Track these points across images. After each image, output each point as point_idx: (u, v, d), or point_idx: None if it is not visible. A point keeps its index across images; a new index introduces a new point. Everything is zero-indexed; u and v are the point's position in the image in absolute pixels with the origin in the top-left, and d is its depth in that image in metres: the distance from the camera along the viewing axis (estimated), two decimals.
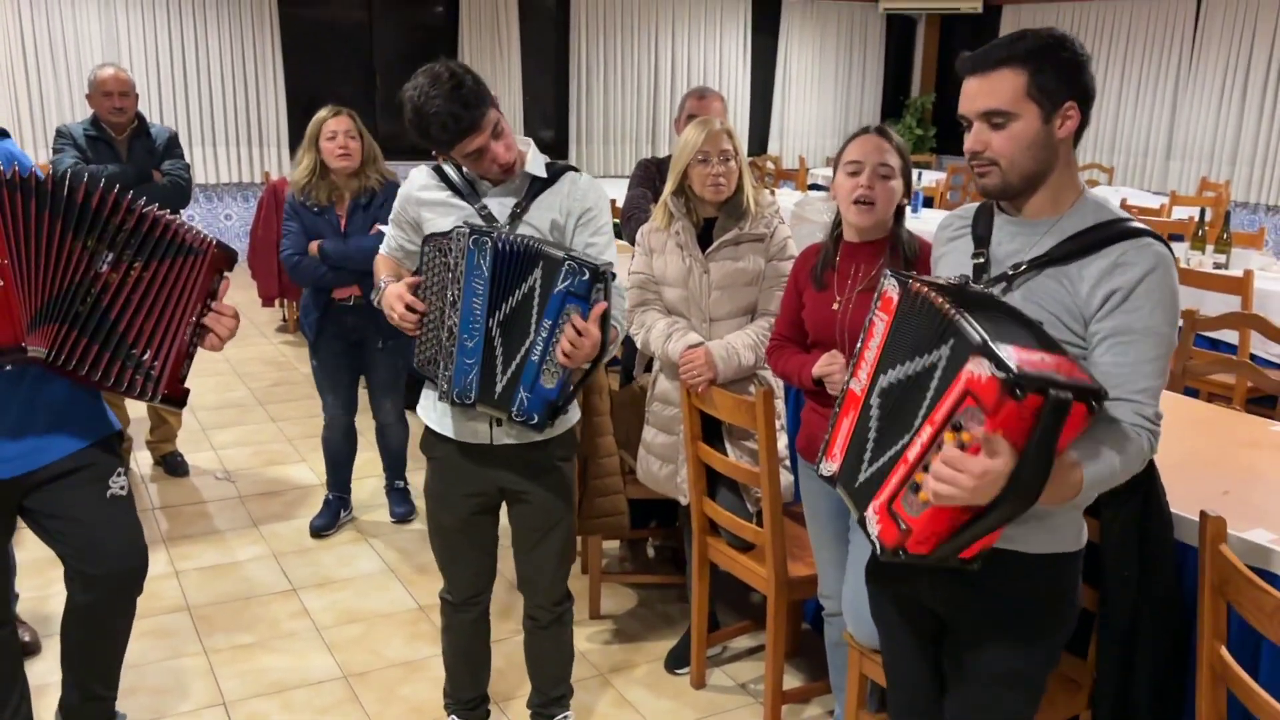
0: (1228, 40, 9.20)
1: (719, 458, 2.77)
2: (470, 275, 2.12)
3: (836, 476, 1.79)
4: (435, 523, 2.49)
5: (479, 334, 2.14)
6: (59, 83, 8.17)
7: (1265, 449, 2.61)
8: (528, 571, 2.52)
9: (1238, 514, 2.08)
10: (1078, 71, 1.70)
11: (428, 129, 2.14)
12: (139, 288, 2.10)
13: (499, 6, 9.71)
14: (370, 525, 4.13)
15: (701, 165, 2.77)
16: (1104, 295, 1.65)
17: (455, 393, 2.19)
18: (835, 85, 11.79)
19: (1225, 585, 1.74)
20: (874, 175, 2.32)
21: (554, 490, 2.43)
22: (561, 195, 2.31)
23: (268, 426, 5.24)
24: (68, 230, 2.01)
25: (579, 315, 2.07)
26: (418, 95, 2.12)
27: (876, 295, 1.75)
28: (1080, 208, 1.75)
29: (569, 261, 2.07)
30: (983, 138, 1.72)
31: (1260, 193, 9.13)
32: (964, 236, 1.90)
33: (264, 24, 8.80)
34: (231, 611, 3.45)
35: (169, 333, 2.15)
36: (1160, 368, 1.66)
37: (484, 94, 2.16)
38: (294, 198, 3.77)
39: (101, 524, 2.28)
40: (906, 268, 2.36)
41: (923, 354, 1.58)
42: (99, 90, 4.09)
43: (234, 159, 8.96)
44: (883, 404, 1.68)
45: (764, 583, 2.74)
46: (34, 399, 2.18)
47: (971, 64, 1.73)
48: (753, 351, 2.79)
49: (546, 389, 2.14)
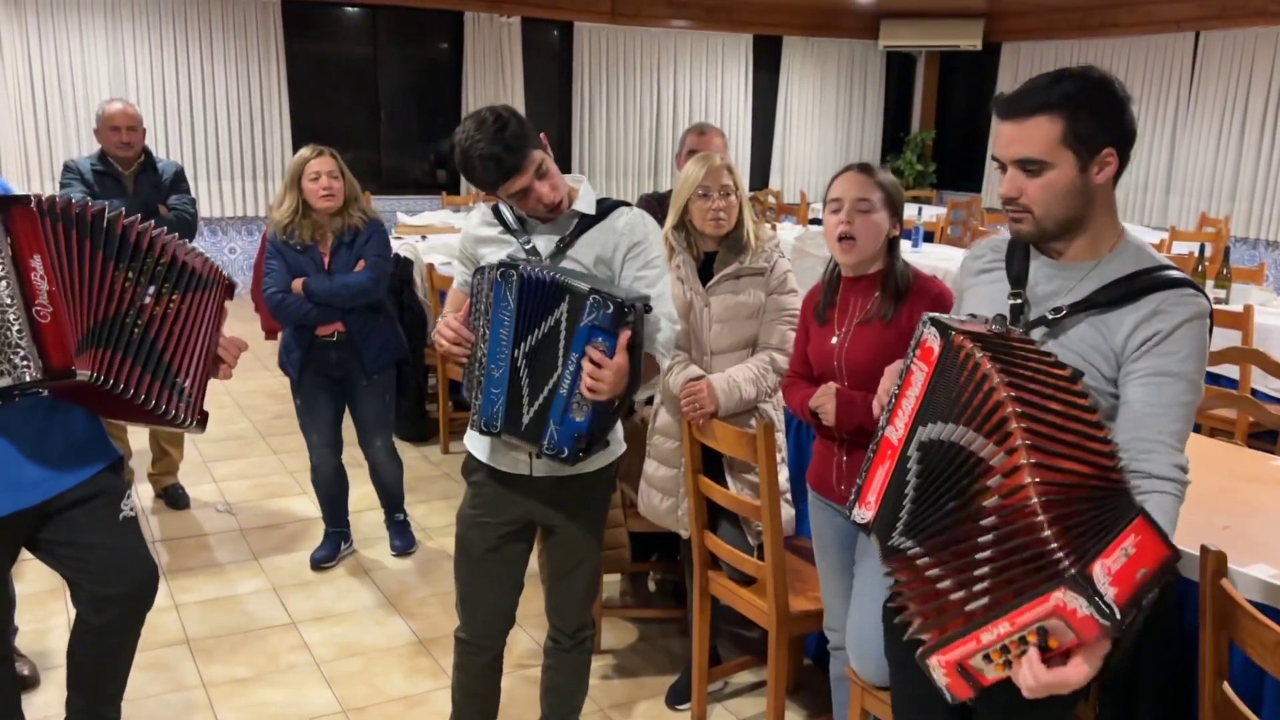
0: (1225, 77, 9.27)
1: (720, 491, 2.77)
2: (498, 307, 2.16)
3: (870, 525, 1.72)
4: (463, 548, 2.48)
5: (505, 364, 2.18)
6: (66, 117, 8.25)
7: (1266, 484, 2.61)
8: (556, 597, 2.55)
9: (1238, 549, 2.08)
10: (1117, 116, 1.66)
11: (473, 171, 2.22)
12: (179, 319, 2.17)
13: (503, 42, 9.82)
14: (370, 558, 4.12)
15: (702, 200, 2.79)
16: (1142, 339, 1.63)
17: (483, 422, 2.23)
18: (836, 121, 11.89)
19: (1227, 620, 1.74)
20: (853, 210, 2.34)
21: (586, 525, 2.44)
22: (608, 231, 2.34)
23: (269, 459, 5.24)
24: (109, 260, 2.06)
25: (602, 347, 2.08)
26: (464, 139, 2.20)
27: (915, 342, 1.68)
28: (1122, 252, 1.71)
29: (594, 295, 2.08)
30: (1017, 184, 1.68)
31: (1260, 228, 9.17)
32: (996, 270, 1.87)
33: (270, 59, 8.89)
34: (230, 645, 3.44)
35: (199, 360, 2.23)
36: (1189, 414, 1.64)
37: (528, 136, 2.21)
38: (276, 237, 3.75)
39: (117, 546, 2.33)
40: (898, 300, 2.38)
41: (970, 427, 1.53)
42: (106, 125, 4.14)
43: (239, 193, 9.03)
44: (923, 459, 1.62)
45: (765, 617, 2.73)
46: (49, 427, 2.21)
47: (1006, 108, 1.69)
48: (754, 385, 2.80)
49: (576, 422, 2.14)
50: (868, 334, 2.39)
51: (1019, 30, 10.97)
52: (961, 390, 1.56)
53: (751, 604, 2.80)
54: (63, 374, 1.98)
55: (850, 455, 2.44)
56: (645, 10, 10.43)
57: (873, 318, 2.39)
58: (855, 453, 2.42)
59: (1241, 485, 2.58)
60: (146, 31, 8.43)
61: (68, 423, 2.24)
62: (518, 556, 2.49)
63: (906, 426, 1.65)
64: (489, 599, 2.50)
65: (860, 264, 2.40)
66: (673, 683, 3.21)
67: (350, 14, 9.54)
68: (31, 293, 1.93)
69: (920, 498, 1.61)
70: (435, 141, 10.25)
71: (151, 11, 8.42)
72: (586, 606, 2.56)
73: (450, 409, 5.38)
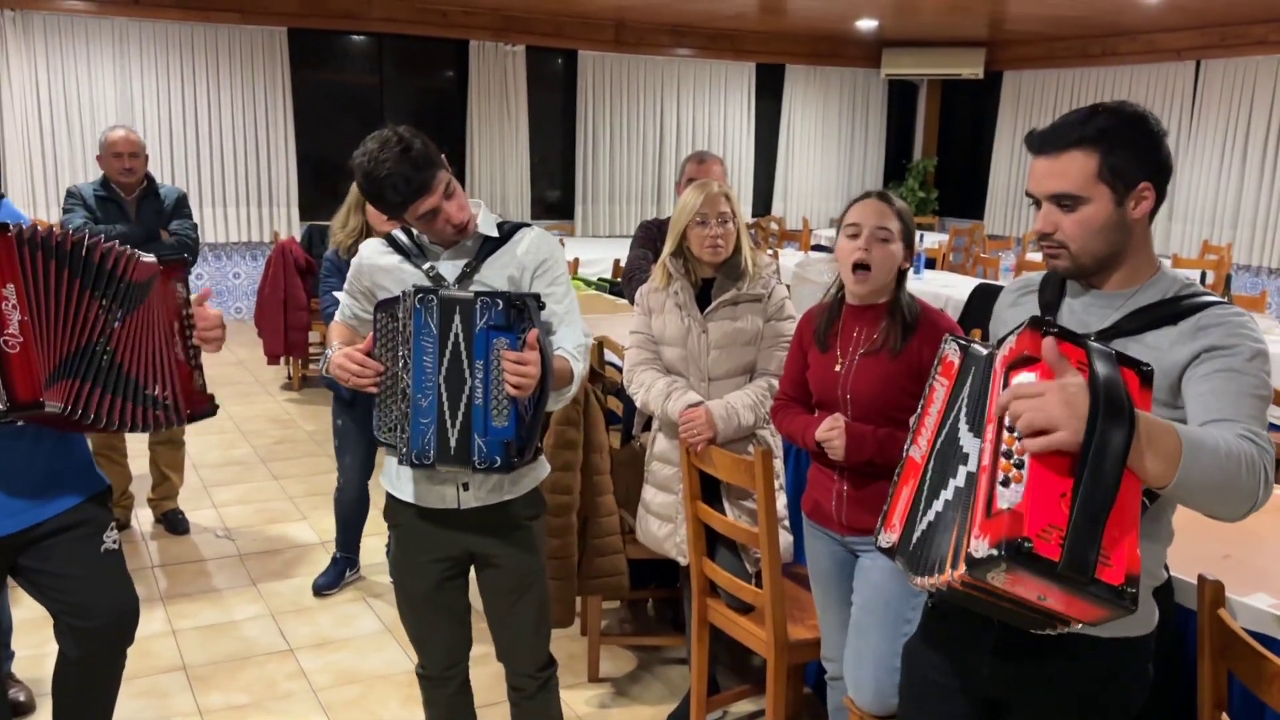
0: (1226, 105, 9.31)
1: (718, 517, 2.76)
2: (419, 334, 2.10)
3: (895, 547, 1.66)
4: (403, 593, 2.42)
5: (432, 392, 2.11)
6: (73, 143, 8.31)
7: (1268, 512, 2.58)
8: (505, 640, 2.43)
9: (1238, 578, 2.07)
10: (1153, 150, 1.64)
11: (381, 193, 2.14)
12: (138, 333, 2.14)
13: (508, 70, 9.89)
14: (369, 585, 4.11)
15: (700, 227, 2.80)
16: (1199, 348, 1.57)
17: (414, 455, 2.13)
18: (838, 148, 11.94)
19: (1225, 651, 1.72)
20: (871, 238, 2.33)
21: (524, 549, 2.35)
22: (514, 252, 2.30)
23: (270, 484, 5.24)
24: (85, 289, 2.05)
25: (508, 346, 2.05)
26: (368, 160, 2.13)
27: (937, 361, 1.67)
28: (1158, 281, 1.70)
29: (481, 298, 2.06)
30: (1052, 219, 1.66)
31: (1262, 255, 9.17)
32: (1028, 300, 1.86)
33: (276, 87, 8.96)
34: (228, 671, 3.42)
35: (165, 361, 2.19)
36: (1262, 410, 1.54)
37: (433, 156, 2.16)
38: (337, 256, 3.81)
39: (96, 579, 2.29)
40: (905, 331, 2.37)
41: (975, 389, 1.53)
42: (109, 151, 4.17)
43: (244, 218, 9.07)
44: (937, 461, 1.60)
45: (763, 645, 2.72)
46: (32, 456, 2.19)
47: (1040, 143, 1.67)
48: (752, 411, 2.79)
49: (500, 429, 2.09)
50: (874, 365, 2.38)
51: (1020, 59, 11.03)
52: (978, 382, 1.54)
53: (750, 632, 2.78)
54: (30, 406, 1.96)
55: (852, 484, 2.41)
56: (649, 39, 10.51)
57: (880, 349, 2.38)
58: (863, 485, 2.40)
59: None
60: (154, 59, 8.51)
61: (53, 452, 2.22)
62: (459, 591, 2.42)
63: (929, 444, 1.63)
64: (439, 636, 2.45)
65: (868, 295, 2.40)
66: (671, 711, 3.18)
67: (357, 43, 9.62)
68: (0, 322, 1.91)
69: (933, 486, 1.58)
70: None
71: (159, 39, 8.50)
72: (541, 644, 2.44)
73: None
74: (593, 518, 3.15)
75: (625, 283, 3.83)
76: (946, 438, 1.59)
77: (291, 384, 7.10)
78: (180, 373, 2.22)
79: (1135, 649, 1.71)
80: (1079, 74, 10.53)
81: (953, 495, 1.51)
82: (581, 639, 3.49)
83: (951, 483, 1.52)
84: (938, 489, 1.56)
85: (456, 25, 9.57)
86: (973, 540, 1.36)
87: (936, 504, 1.55)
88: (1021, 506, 1.32)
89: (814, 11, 9.37)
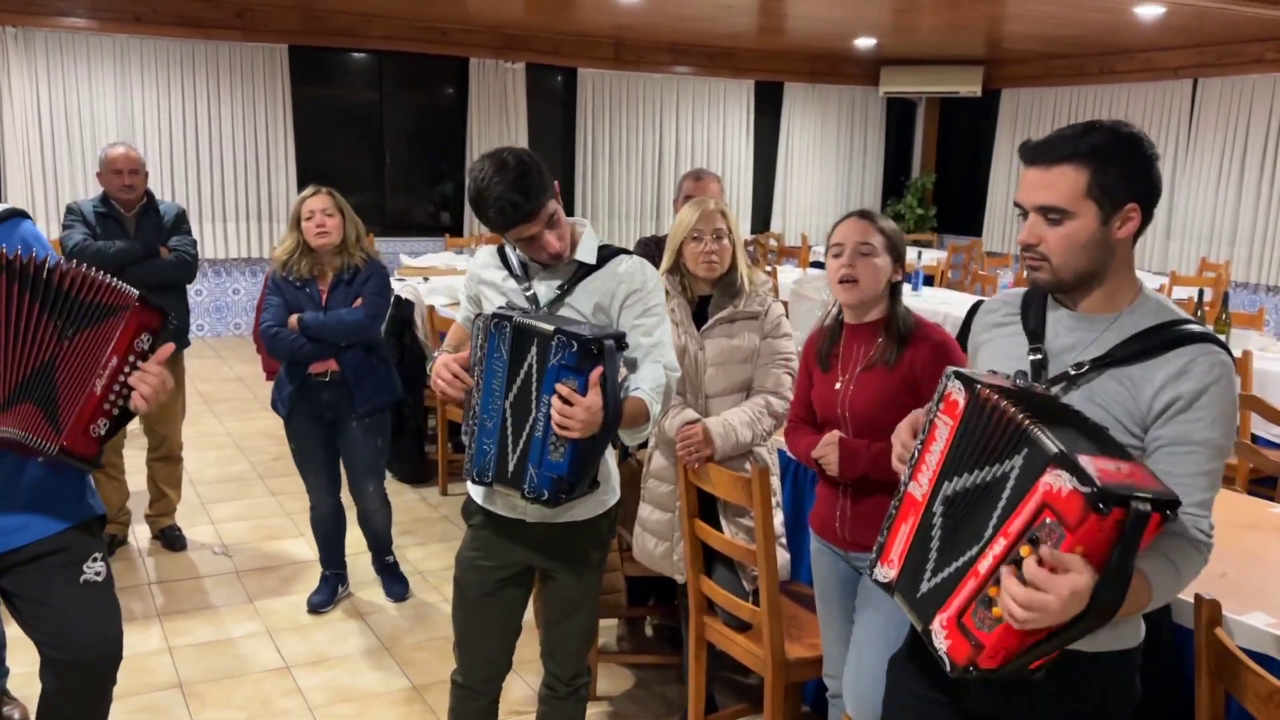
0: (1223, 123, 9.34)
1: (715, 535, 2.76)
2: (491, 358, 2.16)
3: (894, 584, 1.69)
4: (460, 591, 2.47)
5: (497, 415, 2.17)
6: (74, 160, 8.33)
7: (1265, 531, 2.59)
8: (551, 642, 2.52)
9: (1236, 597, 2.06)
10: (1144, 172, 1.65)
11: (486, 211, 2.21)
12: (76, 351, 2.06)
13: (508, 87, 9.93)
14: (365, 602, 4.10)
15: (694, 243, 2.82)
16: (1167, 401, 1.62)
17: (475, 472, 2.23)
18: (837, 165, 11.98)
19: (1222, 670, 1.72)
20: (854, 254, 2.37)
21: (581, 573, 2.43)
22: (607, 278, 2.34)
23: (267, 501, 5.23)
24: (43, 311, 2.01)
25: (572, 385, 2.07)
26: (481, 177, 2.19)
27: (938, 395, 1.66)
28: (1142, 305, 1.71)
29: (558, 335, 2.08)
30: (1037, 231, 1.68)
31: (1260, 273, 9.19)
32: (1011, 325, 1.86)
33: (277, 103, 8.99)
34: (224, 689, 3.41)
35: (78, 384, 2.07)
36: (1214, 480, 1.63)
37: (545, 185, 2.21)
38: (276, 273, 3.79)
39: (72, 610, 2.20)
40: (901, 345, 2.38)
41: (993, 463, 1.52)
42: (109, 168, 4.18)
43: (243, 234, 9.09)
44: (947, 513, 1.60)
45: (760, 663, 2.71)
46: (18, 477, 2.15)
47: (1033, 154, 1.68)
48: (749, 428, 2.80)
49: (554, 463, 2.13)
50: (871, 380, 2.40)
51: (1018, 77, 11.08)
52: (989, 440, 1.54)
53: (747, 650, 2.77)
54: None
55: (855, 502, 2.43)
56: (648, 57, 10.56)
57: (876, 364, 2.40)
58: (860, 500, 2.42)
59: (1240, 532, 2.56)
60: (155, 76, 8.54)
61: (35, 474, 2.16)
62: (515, 601, 2.47)
63: (931, 482, 1.63)
64: (486, 643, 2.48)
65: (862, 306, 2.42)
66: None
67: (357, 60, 9.66)
68: None
69: (946, 550, 1.59)
70: (439, 184, 10.34)
71: (160, 56, 8.53)
72: (582, 654, 2.54)
73: (449, 451, 5.37)
74: None
75: None
76: (960, 500, 1.58)
77: None
78: (87, 402, 2.08)
79: (1123, 662, 1.72)
80: (1076, 92, 10.57)
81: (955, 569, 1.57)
82: None
83: (962, 558, 1.56)
84: (951, 549, 1.58)
85: (456, 43, 9.61)
86: (935, 632, 1.57)
87: (946, 570, 1.58)
88: (988, 639, 1.48)
89: (812, 30, 9.41)
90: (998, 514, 1.49)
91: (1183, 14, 7.42)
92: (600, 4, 8.13)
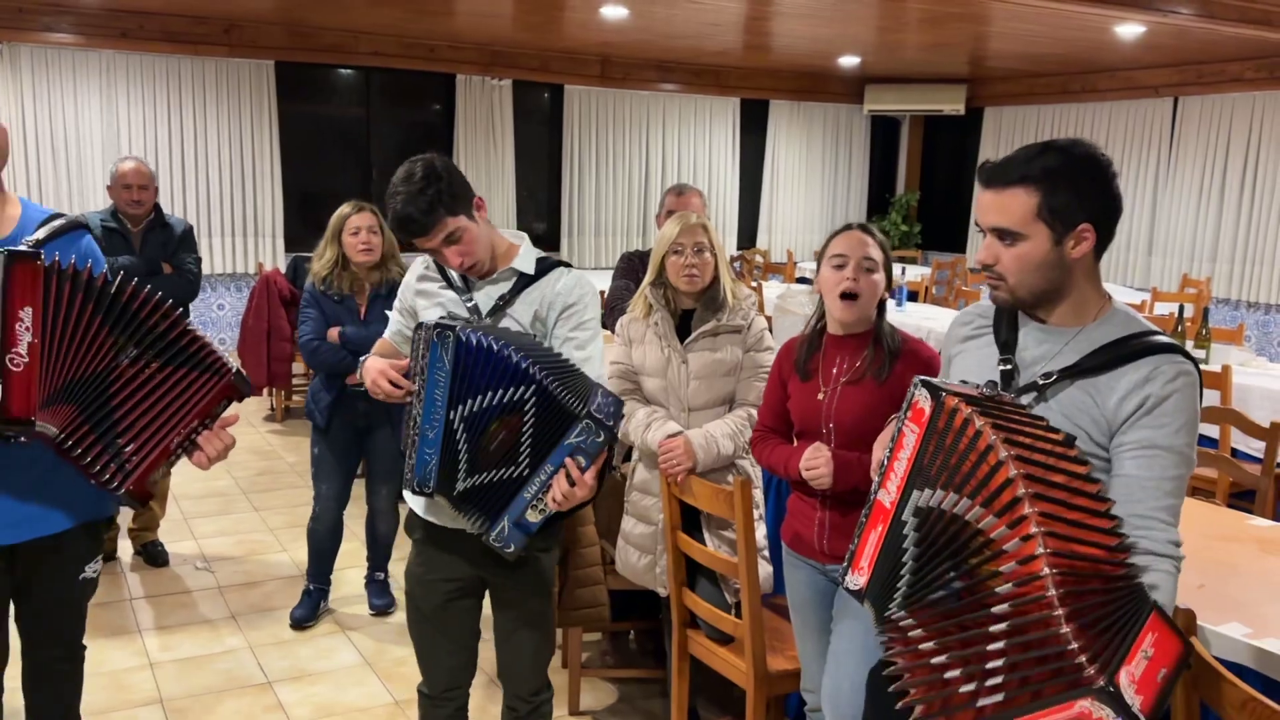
0: (1204, 140, 9.44)
1: (698, 547, 2.76)
2: (433, 368, 2.11)
3: (864, 591, 1.69)
4: (414, 607, 2.46)
5: (439, 426, 2.12)
6: (59, 175, 8.31)
7: (1242, 543, 2.61)
8: (505, 659, 2.49)
9: (1213, 608, 2.08)
10: (1097, 192, 1.67)
11: (390, 221, 2.25)
12: (147, 385, 2.10)
13: (494, 104, 9.96)
14: (349, 617, 4.08)
15: (676, 256, 2.84)
16: (1133, 407, 1.64)
17: (415, 481, 2.16)
18: (822, 182, 12.03)
19: (1198, 680, 1.73)
20: (858, 269, 2.38)
21: (530, 582, 2.40)
22: (545, 290, 2.35)
23: (250, 516, 5.21)
24: (105, 324, 2.05)
25: (581, 464, 2.07)
26: (390, 187, 2.22)
27: (906, 404, 1.66)
28: (1110, 318, 1.73)
29: (588, 419, 2.07)
30: (994, 251, 1.71)
31: (1240, 289, 9.27)
32: (983, 336, 1.88)
33: (263, 119, 8.99)
34: (205, 705, 3.39)
35: (158, 433, 2.12)
36: (1180, 487, 1.64)
37: (445, 201, 2.19)
38: (314, 287, 3.87)
39: (64, 605, 2.31)
40: (890, 360, 2.40)
41: (975, 501, 1.51)
42: (119, 183, 4.20)
43: (229, 250, 9.07)
44: (921, 527, 1.58)
45: (743, 676, 2.71)
46: (53, 473, 2.18)
47: (988, 177, 1.71)
48: (731, 440, 2.81)
49: (530, 523, 2.14)
50: (858, 393, 2.40)
51: (1001, 95, 11.17)
52: (962, 458, 1.53)
53: (730, 663, 2.78)
54: (19, 422, 1.98)
55: (833, 513, 2.43)
56: (634, 74, 10.61)
57: (864, 377, 2.41)
58: (842, 510, 2.42)
59: (1218, 544, 2.59)
60: (141, 91, 8.53)
61: (67, 471, 2.14)
62: (468, 610, 2.46)
63: (899, 490, 1.63)
64: (445, 654, 2.48)
65: (854, 323, 2.43)
66: None
67: (344, 76, 9.68)
68: (10, 340, 1.95)
69: (920, 569, 1.59)
70: None
71: (146, 72, 8.53)
72: (539, 670, 2.49)
73: None
74: (574, 548, 3.15)
75: (607, 313, 3.85)
76: (935, 518, 1.57)
77: (274, 415, 7.08)
78: (159, 453, 2.13)
79: None
80: (1059, 110, 10.66)
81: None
82: (562, 671, 3.47)
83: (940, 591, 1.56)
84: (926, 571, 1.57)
85: (443, 60, 9.63)
86: None
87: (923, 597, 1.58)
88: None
89: (797, 49, 9.48)
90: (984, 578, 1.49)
91: (1163, 33, 7.50)
92: (587, 21, 8.17)
